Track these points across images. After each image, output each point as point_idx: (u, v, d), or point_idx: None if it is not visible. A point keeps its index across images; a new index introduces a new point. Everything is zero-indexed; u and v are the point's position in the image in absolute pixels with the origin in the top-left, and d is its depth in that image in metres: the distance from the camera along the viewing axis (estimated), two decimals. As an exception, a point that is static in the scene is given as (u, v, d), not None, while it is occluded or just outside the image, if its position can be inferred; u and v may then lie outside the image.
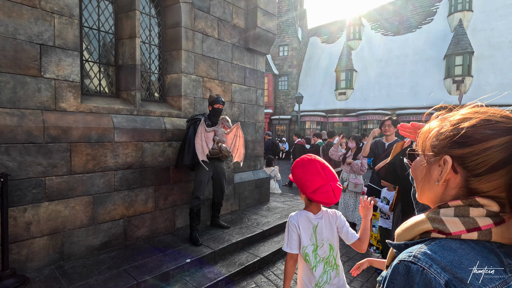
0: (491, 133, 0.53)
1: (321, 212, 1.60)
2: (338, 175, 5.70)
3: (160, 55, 4.08)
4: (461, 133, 0.55)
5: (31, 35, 2.65)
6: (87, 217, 3.02)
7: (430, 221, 0.57)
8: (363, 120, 17.35)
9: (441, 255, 0.51)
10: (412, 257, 0.53)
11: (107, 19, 3.53)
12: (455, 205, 0.56)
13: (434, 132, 0.60)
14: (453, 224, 0.54)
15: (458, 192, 0.58)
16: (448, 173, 0.57)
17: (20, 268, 2.56)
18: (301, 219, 1.58)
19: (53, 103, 2.81)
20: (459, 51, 15.07)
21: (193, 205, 3.49)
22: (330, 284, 1.54)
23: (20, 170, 2.56)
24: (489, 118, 0.55)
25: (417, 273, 0.50)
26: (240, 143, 3.92)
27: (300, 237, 1.55)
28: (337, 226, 1.60)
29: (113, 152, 3.21)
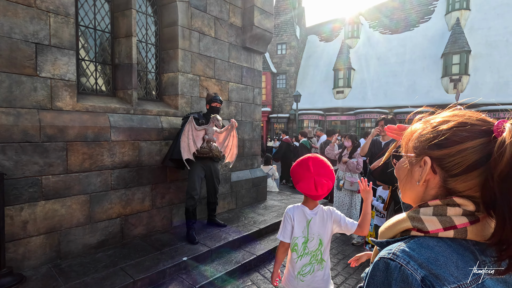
0: (466, 135, 0.55)
1: (316, 208, 1.67)
2: (334, 173, 5.72)
3: (156, 54, 4.08)
4: (439, 134, 0.58)
5: (27, 34, 2.65)
6: (84, 216, 3.03)
7: (410, 220, 0.60)
8: (361, 119, 17.40)
9: (419, 252, 0.54)
10: (392, 254, 0.55)
11: (103, 17, 3.53)
12: (434, 204, 0.59)
13: (416, 134, 0.63)
14: (431, 223, 0.57)
15: (437, 192, 0.61)
16: (428, 173, 0.60)
17: (17, 267, 2.57)
18: (296, 211, 1.68)
19: (49, 102, 2.81)
20: (456, 49, 15.12)
21: (188, 205, 3.50)
22: (313, 275, 1.64)
23: (16, 169, 2.57)
24: (465, 121, 0.57)
25: (395, 269, 0.53)
26: (234, 143, 3.83)
27: (293, 228, 1.66)
28: (334, 220, 1.66)
29: (110, 151, 3.22)
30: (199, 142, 3.48)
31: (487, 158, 0.53)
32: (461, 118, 0.58)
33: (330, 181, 1.57)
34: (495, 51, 15.01)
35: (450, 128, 0.57)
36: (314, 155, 1.63)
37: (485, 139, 0.54)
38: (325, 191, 1.56)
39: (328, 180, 1.57)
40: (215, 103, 3.66)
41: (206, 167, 3.65)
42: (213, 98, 3.67)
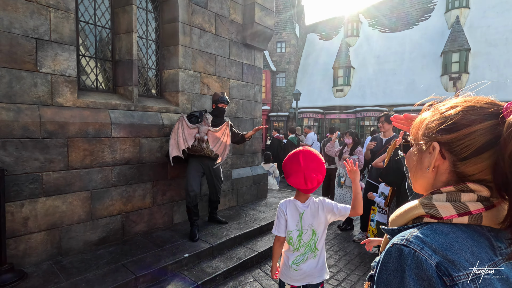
0: (475, 118, 0.56)
1: (308, 201, 1.70)
2: (335, 171, 5.72)
3: (157, 50, 4.06)
4: (447, 119, 0.58)
5: (27, 29, 2.62)
6: (85, 213, 3.02)
7: (423, 206, 0.59)
8: (361, 117, 17.40)
9: (433, 238, 0.53)
10: (405, 240, 0.54)
11: (103, 13, 3.50)
12: (447, 190, 0.59)
13: (425, 122, 0.64)
14: (444, 209, 0.56)
15: (448, 178, 0.60)
16: (437, 159, 0.60)
17: (18, 263, 2.56)
18: (289, 206, 1.71)
19: (49, 98, 2.79)
20: (456, 48, 15.11)
21: (187, 202, 3.50)
22: (306, 264, 1.68)
23: (16, 165, 2.55)
24: (473, 105, 0.57)
25: (409, 255, 0.52)
26: (228, 142, 3.66)
27: (287, 222, 1.70)
28: (326, 210, 1.68)
29: (111, 148, 3.20)
30: (191, 140, 3.43)
31: (496, 140, 0.53)
32: (470, 103, 0.58)
33: (320, 175, 1.58)
34: (495, 49, 15.02)
35: (457, 113, 0.57)
36: (305, 149, 1.64)
37: (494, 121, 0.54)
38: (315, 185, 1.58)
39: (318, 173, 1.58)
40: (221, 104, 3.62)
41: (204, 165, 3.59)
42: (220, 99, 3.61)
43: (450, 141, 0.58)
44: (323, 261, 1.74)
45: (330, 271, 3.21)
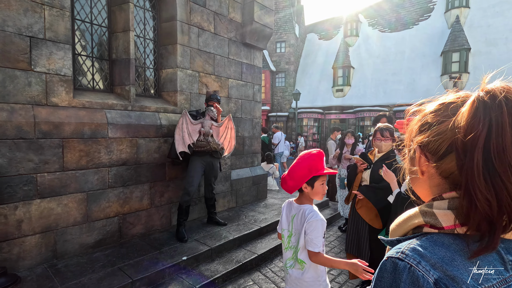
0: (445, 114, 0.54)
1: (300, 207, 1.65)
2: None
3: (155, 49, 4.00)
4: (425, 120, 0.57)
5: (20, 27, 2.56)
6: (81, 215, 2.96)
7: (422, 215, 0.54)
8: (360, 117, 17.35)
9: (432, 251, 0.48)
10: (400, 253, 0.49)
11: (100, 12, 3.44)
12: (449, 196, 0.53)
13: (411, 127, 0.62)
14: (445, 218, 0.51)
15: (439, 181, 0.56)
16: (421, 162, 0.57)
17: (11, 267, 2.49)
18: (287, 204, 1.75)
19: (44, 98, 2.73)
20: (456, 47, 15.08)
21: (182, 201, 3.42)
22: (293, 271, 1.63)
23: (10, 167, 2.49)
24: (445, 101, 0.56)
25: (404, 270, 0.47)
26: (232, 135, 3.75)
27: (282, 219, 1.74)
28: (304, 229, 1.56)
29: (107, 148, 3.14)
30: (195, 136, 3.44)
31: None
32: (444, 99, 0.56)
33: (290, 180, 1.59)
34: (495, 49, 14.99)
35: (432, 111, 0.56)
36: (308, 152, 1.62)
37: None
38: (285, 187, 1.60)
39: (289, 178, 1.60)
40: (212, 102, 3.62)
41: (205, 163, 3.58)
42: (212, 96, 3.60)
43: (426, 141, 0.55)
44: (314, 276, 1.58)
45: (331, 274, 3.15)
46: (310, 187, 1.58)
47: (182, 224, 3.44)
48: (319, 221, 1.54)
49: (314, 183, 1.57)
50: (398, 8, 18.85)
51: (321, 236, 1.53)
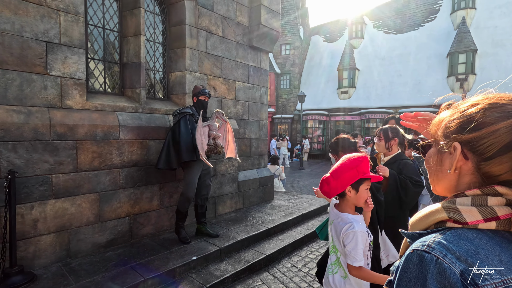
0: (498, 115, 0.53)
1: (339, 214, 1.53)
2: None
3: (164, 53, 4.08)
4: (468, 118, 0.56)
5: (37, 33, 2.65)
6: (93, 215, 3.03)
7: (446, 211, 0.56)
8: (366, 119, 17.28)
9: (457, 244, 0.51)
10: (426, 246, 0.52)
11: (111, 17, 3.53)
12: (472, 194, 0.56)
13: (445, 122, 0.61)
14: (469, 214, 0.54)
15: (471, 179, 0.58)
16: (459, 160, 0.57)
17: (28, 265, 2.57)
18: (331, 207, 1.66)
19: (59, 101, 2.81)
20: (462, 49, 14.97)
21: (183, 207, 3.31)
22: (337, 275, 1.54)
23: (27, 168, 2.57)
24: (496, 102, 0.55)
25: (431, 262, 0.50)
26: (231, 138, 3.57)
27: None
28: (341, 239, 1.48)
29: (119, 150, 3.21)
30: (207, 140, 3.28)
31: None
32: (492, 100, 0.56)
33: (333, 180, 1.45)
34: (502, 49, 14.84)
35: (479, 110, 0.55)
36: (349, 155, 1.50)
37: None
38: (325, 189, 1.48)
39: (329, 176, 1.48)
40: (203, 97, 3.40)
41: (204, 166, 3.44)
42: (201, 91, 3.40)
43: (472, 141, 0.55)
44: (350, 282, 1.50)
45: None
46: (354, 190, 1.46)
47: (183, 227, 3.41)
48: (357, 233, 1.41)
49: (360, 186, 1.45)
50: (403, 10, 18.79)
51: (360, 248, 1.40)
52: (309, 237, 4.10)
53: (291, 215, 4.52)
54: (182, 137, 3.17)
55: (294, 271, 3.24)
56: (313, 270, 3.25)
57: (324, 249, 3.82)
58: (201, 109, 3.37)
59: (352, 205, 1.52)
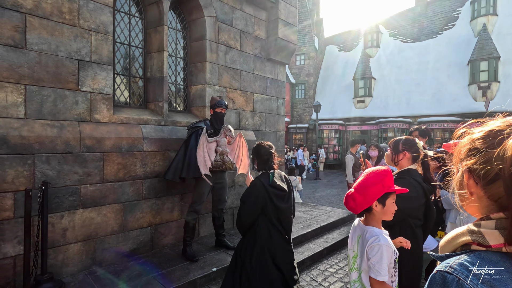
0: (493, 142, 0.57)
1: (366, 229, 1.51)
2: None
3: (185, 67, 4.23)
4: (472, 145, 0.61)
5: (71, 52, 2.83)
6: (118, 224, 3.12)
7: (470, 233, 0.58)
8: (383, 128, 16.96)
9: (479, 267, 0.52)
10: (449, 267, 0.54)
11: (137, 34, 3.72)
12: (497, 217, 0.56)
13: (459, 147, 0.66)
14: (492, 237, 0.55)
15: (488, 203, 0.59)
16: (470, 185, 0.61)
17: (56, 273, 2.67)
18: (355, 222, 1.64)
19: (88, 115, 2.97)
20: (484, 56, 14.54)
21: (190, 219, 3.27)
22: None
23: (58, 179, 2.70)
24: (496, 129, 0.58)
25: (453, 283, 0.51)
26: (244, 153, 3.48)
27: (349, 239, 1.66)
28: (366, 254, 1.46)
29: (142, 161, 3.32)
30: (212, 155, 3.27)
31: None
32: (493, 126, 0.59)
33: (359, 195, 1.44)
34: (527, 56, 14.30)
35: (480, 138, 0.59)
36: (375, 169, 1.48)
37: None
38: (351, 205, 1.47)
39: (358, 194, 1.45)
40: (219, 108, 3.39)
41: (215, 179, 3.41)
42: (217, 103, 3.38)
43: (475, 167, 0.58)
44: None
45: None
46: (381, 205, 1.45)
47: (189, 244, 3.29)
48: (382, 246, 1.39)
49: (386, 200, 1.45)
50: (420, 18, 18.56)
51: (385, 262, 1.37)
52: (328, 250, 4.03)
53: (309, 227, 4.46)
54: (189, 152, 3.19)
55: (314, 285, 3.19)
56: (333, 284, 3.19)
57: (344, 263, 3.75)
58: (218, 122, 3.40)
59: (378, 220, 1.50)
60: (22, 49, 2.55)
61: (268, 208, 2.09)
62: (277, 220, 2.12)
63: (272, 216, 2.10)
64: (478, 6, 16.11)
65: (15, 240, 2.48)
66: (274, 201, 2.10)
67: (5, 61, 2.47)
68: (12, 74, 2.50)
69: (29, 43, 2.58)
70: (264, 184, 2.11)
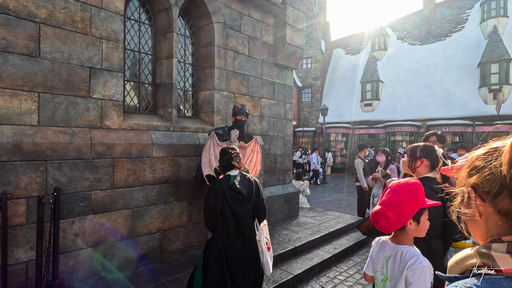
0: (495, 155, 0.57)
1: (398, 248, 1.38)
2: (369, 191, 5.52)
3: (194, 73, 4.26)
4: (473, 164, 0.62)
5: (83, 60, 2.88)
6: (127, 230, 3.14)
7: (480, 256, 0.56)
8: (391, 132, 16.78)
9: None
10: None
11: (146, 41, 3.76)
12: (508, 240, 0.55)
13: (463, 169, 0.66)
14: (503, 261, 0.52)
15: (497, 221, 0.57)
16: (478, 204, 0.60)
17: (67, 279, 2.69)
18: (378, 242, 1.50)
19: (99, 121, 3.00)
20: (494, 58, 14.29)
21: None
22: None
23: (69, 185, 2.74)
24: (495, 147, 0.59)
25: None
26: (258, 159, 3.65)
27: (373, 259, 1.50)
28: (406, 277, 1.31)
29: (151, 167, 3.34)
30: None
31: None
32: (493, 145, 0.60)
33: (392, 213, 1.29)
34: (539, 58, 14.01)
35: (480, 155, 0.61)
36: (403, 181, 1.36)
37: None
38: (382, 224, 1.32)
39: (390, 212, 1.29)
40: (240, 116, 3.55)
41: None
42: (239, 111, 3.55)
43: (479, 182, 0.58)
44: None
45: None
46: (415, 222, 1.32)
47: None
48: (425, 268, 1.28)
49: (421, 217, 1.33)
50: (428, 21, 18.39)
51: (428, 286, 1.28)
52: (337, 257, 3.98)
53: (318, 233, 4.42)
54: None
55: (324, 293, 3.15)
56: (343, 293, 3.14)
57: (353, 270, 3.69)
58: (239, 129, 3.54)
59: (411, 238, 1.37)
60: (36, 58, 2.60)
61: (226, 211, 2.19)
62: (235, 223, 2.21)
63: (229, 218, 2.20)
64: (488, 7, 15.90)
65: (28, 245, 2.51)
66: (231, 204, 2.20)
67: (20, 69, 2.52)
68: (26, 82, 2.55)
69: (43, 52, 2.64)
70: (222, 187, 2.21)
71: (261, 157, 3.76)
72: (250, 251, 2.25)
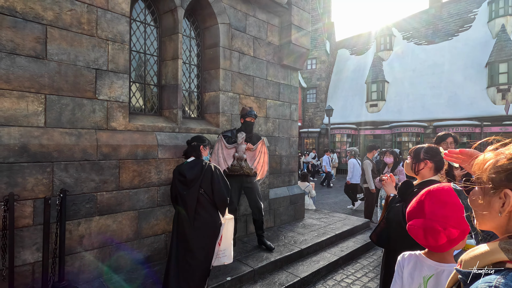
0: None
1: (442, 266, 1.16)
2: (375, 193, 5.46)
3: (199, 74, 4.25)
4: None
5: (89, 61, 2.88)
6: (133, 232, 3.13)
7: (505, 252, 0.57)
8: (397, 133, 16.61)
9: None
10: (493, 286, 0.53)
11: (152, 42, 3.76)
12: None
13: (489, 164, 0.63)
14: None
15: None
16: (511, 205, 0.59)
17: (73, 280, 2.69)
18: (410, 261, 1.25)
19: (105, 123, 3.01)
20: (503, 58, 14.07)
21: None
22: None
23: (76, 186, 2.74)
24: None
25: None
26: (265, 160, 3.83)
27: (403, 282, 1.26)
28: None
29: (157, 169, 3.33)
30: (230, 160, 3.55)
31: None
32: None
33: (452, 228, 1.09)
34: (549, 57, 13.75)
35: None
36: (436, 188, 1.18)
37: None
38: (440, 243, 1.10)
39: (447, 226, 1.09)
40: (249, 118, 3.67)
41: (243, 183, 3.67)
42: (248, 113, 3.67)
43: None
44: None
45: None
46: None
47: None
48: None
49: None
50: (434, 20, 18.20)
51: None
52: (344, 260, 3.93)
53: (324, 235, 4.37)
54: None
55: (331, 296, 3.10)
56: (350, 296, 3.09)
57: (361, 274, 3.64)
58: (247, 130, 3.66)
59: (452, 251, 1.20)
60: (43, 60, 2.61)
61: (178, 194, 2.55)
62: (183, 205, 2.52)
63: (180, 201, 2.54)
64: (496, 6, 15.67)
65: (34, 247, 2.51)
66: (178, 186, 2.55)
67: (27, 71, 2.53)
68: (33, 84, 2.56)
69: (50, 53, 2.65)
70: (175, 170, 2.62)
71: (268, 158, 3.89)
72: (193, 237, 2.47)
